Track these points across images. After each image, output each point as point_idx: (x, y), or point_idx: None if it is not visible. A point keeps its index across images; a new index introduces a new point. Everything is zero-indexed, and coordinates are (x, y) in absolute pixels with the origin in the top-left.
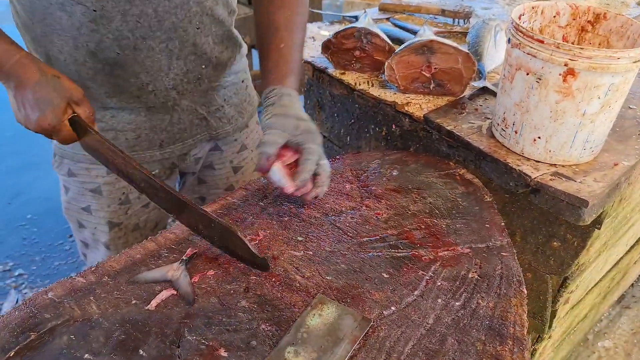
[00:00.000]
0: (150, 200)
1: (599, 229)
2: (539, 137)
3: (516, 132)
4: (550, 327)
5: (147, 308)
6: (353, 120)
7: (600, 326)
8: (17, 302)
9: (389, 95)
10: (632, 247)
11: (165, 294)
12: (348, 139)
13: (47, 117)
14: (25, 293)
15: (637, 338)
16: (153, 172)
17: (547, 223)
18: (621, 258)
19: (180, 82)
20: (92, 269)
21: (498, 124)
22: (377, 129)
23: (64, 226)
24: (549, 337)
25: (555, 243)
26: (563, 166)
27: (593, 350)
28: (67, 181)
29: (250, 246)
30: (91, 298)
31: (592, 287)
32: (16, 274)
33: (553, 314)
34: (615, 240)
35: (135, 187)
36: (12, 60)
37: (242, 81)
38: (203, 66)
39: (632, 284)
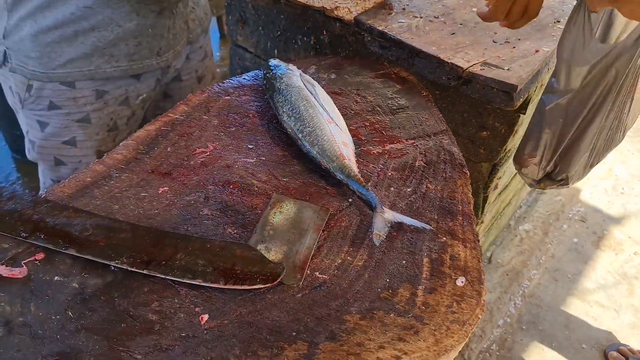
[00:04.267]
0: None
1: (524, 114)
2: None
3: None
4: (482, 212)
5: None
6: (279, 32)
7: (520, 212)
8: None
9: (316, 1)
10: None
11: None
12: (275, 52)
13: None
14: None
15: (552, 218)
16: (141, 96)
17: (476, 115)
18: None
19: None
20: (43, 196)
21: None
22: (305, 38)
23: None
24: (481, 222)
25: (484, 133)
26: (490, 56)
27: (515, 234)
28: (46, 116)
29: None
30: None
31: (515, 174)
32: None
33: (485, 199)
34: None
35: None
36: None
37: None
38: None
39: None
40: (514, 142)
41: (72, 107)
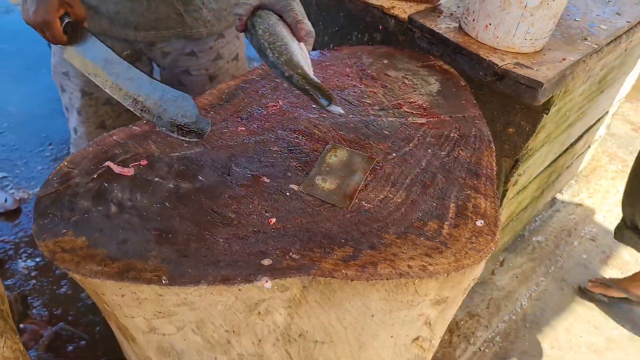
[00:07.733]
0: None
1: (547, 114)
2: (490, 24)
3: (474, 20)
4: (500, 205)
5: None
6: (337, 28)
7: (535, 225)
8: (5, 200)
9: (375, 0)
10: (566, 149)
11: None
12: (331, 46)
13: (39, 11)
14: (12, 192)
15: (565, 233)
16: (125, 52)
17: (505, 112)
18: (558, 157)
19: None
20: (144, 120)
21: (463, 14)
22: (359, 35)
23: (42, 135)
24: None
25: (510, 129)
26: (520, 53)
27: (528, 244)
28: (55, 46)
29: None
30: (149, 141)
31: (534, 178)
32: (0, 176)
33: (504, 194)
34: (556, 135)
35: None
36: None
37: None
38: None
39: (561, 191)
40: (535, 143)
41: None
